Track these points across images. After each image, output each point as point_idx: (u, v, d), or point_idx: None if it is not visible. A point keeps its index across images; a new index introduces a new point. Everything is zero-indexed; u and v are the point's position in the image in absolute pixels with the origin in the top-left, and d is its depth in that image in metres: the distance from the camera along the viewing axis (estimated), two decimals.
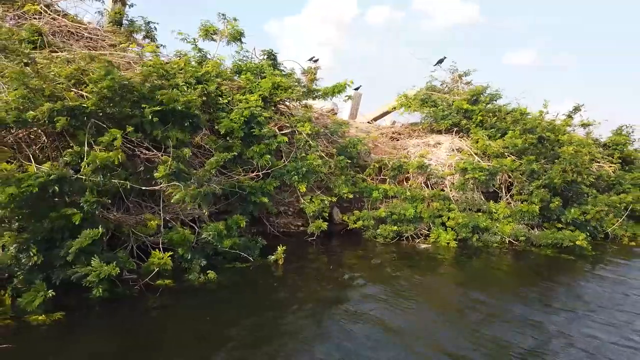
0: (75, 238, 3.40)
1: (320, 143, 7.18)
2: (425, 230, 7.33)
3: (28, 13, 6.09)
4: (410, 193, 7.48)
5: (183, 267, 4.33)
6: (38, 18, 6.18)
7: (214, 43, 7.10)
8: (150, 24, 7.25)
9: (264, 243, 5.38)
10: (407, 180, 8.13)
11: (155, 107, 4.22)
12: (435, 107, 9.61)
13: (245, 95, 6.25)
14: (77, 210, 3.45)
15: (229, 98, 6.01)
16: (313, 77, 7.67)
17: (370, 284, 4.78)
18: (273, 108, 6.71)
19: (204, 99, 5.49)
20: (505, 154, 8.25)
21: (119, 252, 3.89)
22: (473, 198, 7.69)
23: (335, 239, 6.88)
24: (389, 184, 7.79)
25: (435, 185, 8.00)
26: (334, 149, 7.25)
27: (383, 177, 8.00)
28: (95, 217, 3.68)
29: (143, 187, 4.15)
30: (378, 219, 7.09)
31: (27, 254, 3.21)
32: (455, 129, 9.38)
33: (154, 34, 7.30)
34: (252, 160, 5.69)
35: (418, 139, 9.47)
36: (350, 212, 7.24)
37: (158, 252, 4.06)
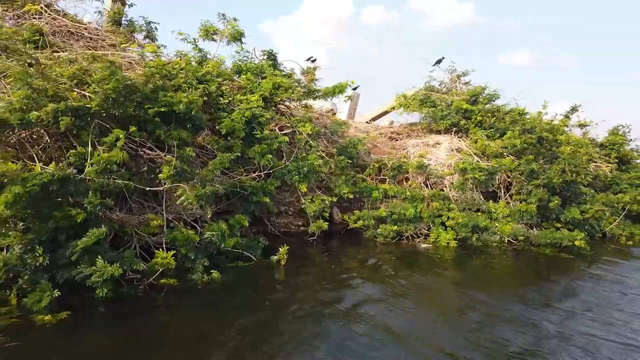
0: (79, 238, 3.41)
1: (321, 143, 7.19)
2: (425, 230, 7.37)
3: (28, 13, 6.07)
4: (410, 193, 7.51)
5: (186, 266, 4.35)
6: (38, 18, 6.16)
7: (214, 43, 7.09)
8: (151, 24, 7.25)
9: (266, 243, 5.42)
10: (406, 180, 8.17)
11: (160, 108, 4.24)
12: (434, 107, 9.63)
13: (246, 96, 6.24)
14: (80, 210, 3.47)
15: (230, 98, 6.01)
16: (313, 77, 7.68)
17: (371, 284, 4.81)
18: (274, 108, 6.72)
19: (205, 99, 5.50)
20: (504, 154, 8.31)
21: (125, 252, 3.89)
22: (472, 198, 7.73)
23: (336, 239, 6.91)
24: (389, 184, 7.82)
25: (435, 185, 8.03)
26: (334, 149, 7.27)
27: (383, 177, 8.03)
28: (99, 217, 3.70)
29: (147, 187, 4.16)
30: (378, 219, 7.12)
31: (32, 254, 3.22)
32: (454, 129, 9.42)
33: (155, 34, 7.29)
34: (253, 160, 5.71)
35: (417, 139, 9.49)
36: (350, 212, 7.26)
37: (161, 251, 4.07)
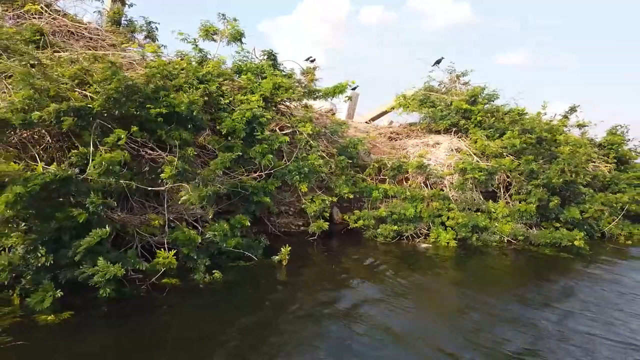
0: (81, 238, 3.42)
1: (321, 143, 7.20)
2: (425, 230, 7.39)
3: (28, 13, 6.06)
4: (410, 193, 7.53)
5: (188, 266, 4.36)
6: (38, 18, 6.15)
7: (214, 43, 7.10)
8: (152, 24, 7.25)
9: (267, 243, 5.43)
10: (406, 180, 8.18)
11: (162, 109, 4.25)
12: (434, 107, 9.65)
13: (247, 96, 6.25)
14: (82, 211, 3.47)
15: (231, 98, 6.03)
16: (313, 77, 7.69)
17: (371, 284, 4.83)
18: (274, 108, 6.73)
19: (206, 99, 5.51)
20: (504, 154, 8.34)
21: (128, 252, 3.90)
22: (472, 198, 7.76)
23: (336, 239, 6.92)
24: (389, 184, 7.84)
25: (435, 185, 8.05)
26: (335, 149, 7.28)
27: (383, 177, 8.04)
28: (101, 217, 3.70)
29: (149, 187, 4.17)
30: (378, 219, 7.14)
31: (35, 255, 3.22)
32: (454, 129, 9.44)
33: (155, 35, 7.29)
34: (254, 160, 5.72)
35: (417, 139, 9.51)
36: (350, 212, 7.27)
37: (163, 251, 4.08)
